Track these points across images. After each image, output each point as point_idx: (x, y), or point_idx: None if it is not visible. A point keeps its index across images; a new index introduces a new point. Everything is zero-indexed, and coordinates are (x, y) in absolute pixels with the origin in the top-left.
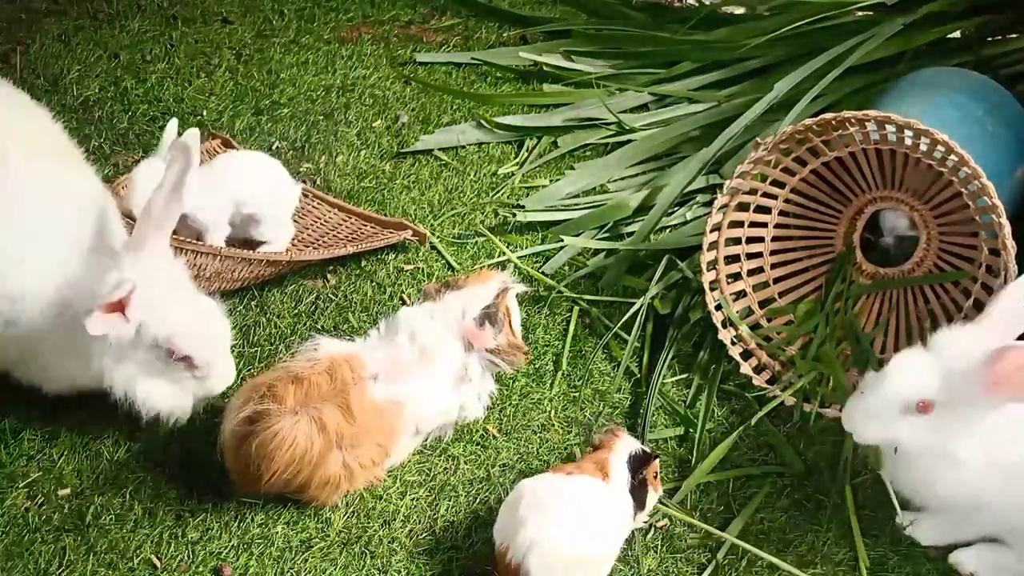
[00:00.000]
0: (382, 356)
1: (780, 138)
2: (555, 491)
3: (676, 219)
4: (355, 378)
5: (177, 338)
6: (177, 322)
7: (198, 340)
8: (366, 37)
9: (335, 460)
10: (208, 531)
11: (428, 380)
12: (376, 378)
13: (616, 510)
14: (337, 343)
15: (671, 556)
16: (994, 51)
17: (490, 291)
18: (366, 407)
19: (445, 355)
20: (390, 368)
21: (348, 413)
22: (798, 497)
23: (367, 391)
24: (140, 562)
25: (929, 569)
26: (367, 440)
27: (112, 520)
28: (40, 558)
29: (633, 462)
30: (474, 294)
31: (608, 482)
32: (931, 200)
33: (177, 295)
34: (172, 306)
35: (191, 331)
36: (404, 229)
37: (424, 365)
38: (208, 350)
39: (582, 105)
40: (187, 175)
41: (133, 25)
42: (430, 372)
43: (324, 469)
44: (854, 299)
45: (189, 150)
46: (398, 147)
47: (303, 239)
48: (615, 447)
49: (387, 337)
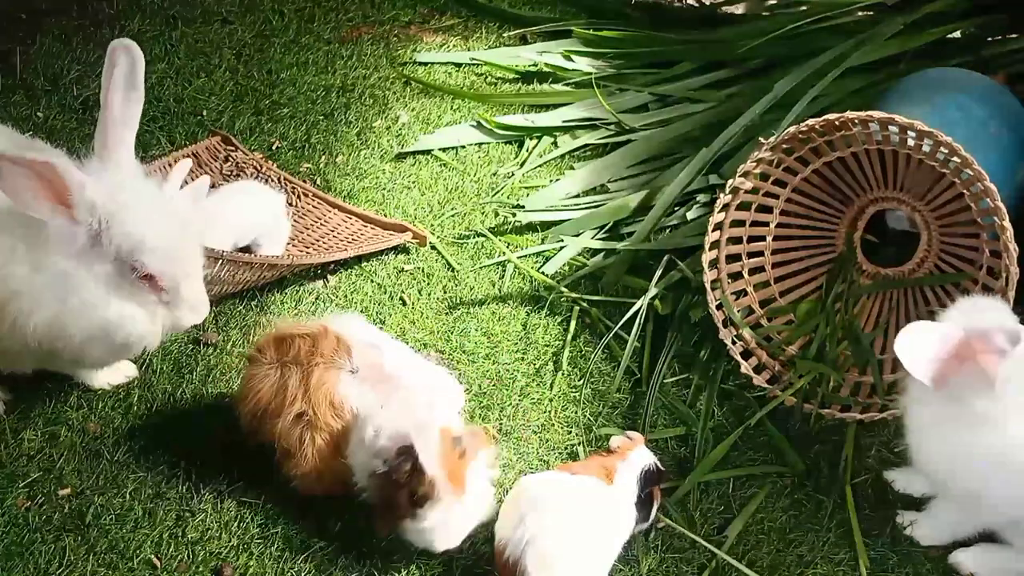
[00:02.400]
0: (377, 362)
1: (783, 138)
2: (555, 489)
3: (676, 219)
4: (332, 357)
5: (141, 252)
6: (145, 234)
7: (166, 257)
8: (366, 37)
9: (293, 419)
10: (208, 531)
11: (397, 405)
12: (355, 372)
13: (616, 513)
14: (354, 322)
15: (671, 556)
16: (994, 51)
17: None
18: (321, 392)
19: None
20: (374, 374)
21: (306, 384)
22: (798, 497)
23: (334, 379)
24: (140, 562)
25: (929, 569)
26: (319, 420)
27: (112, 520)
28: (40, 558)
29: (645, 478)
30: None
31: (611, 486)
32: (933, 201)
33: (147, 204)
34: (140, 215)
35: (159, 245)
36: (404, 231)
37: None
38: (176, 271)
39: (582, 105)
40: (137, 69)
41: (133, 25)
42: (403, 397)
43: (283, 423)
44: (855, 299)
45: (128, 46)
46: (398, 147)
47: (304, 240)
48: (628, 456)
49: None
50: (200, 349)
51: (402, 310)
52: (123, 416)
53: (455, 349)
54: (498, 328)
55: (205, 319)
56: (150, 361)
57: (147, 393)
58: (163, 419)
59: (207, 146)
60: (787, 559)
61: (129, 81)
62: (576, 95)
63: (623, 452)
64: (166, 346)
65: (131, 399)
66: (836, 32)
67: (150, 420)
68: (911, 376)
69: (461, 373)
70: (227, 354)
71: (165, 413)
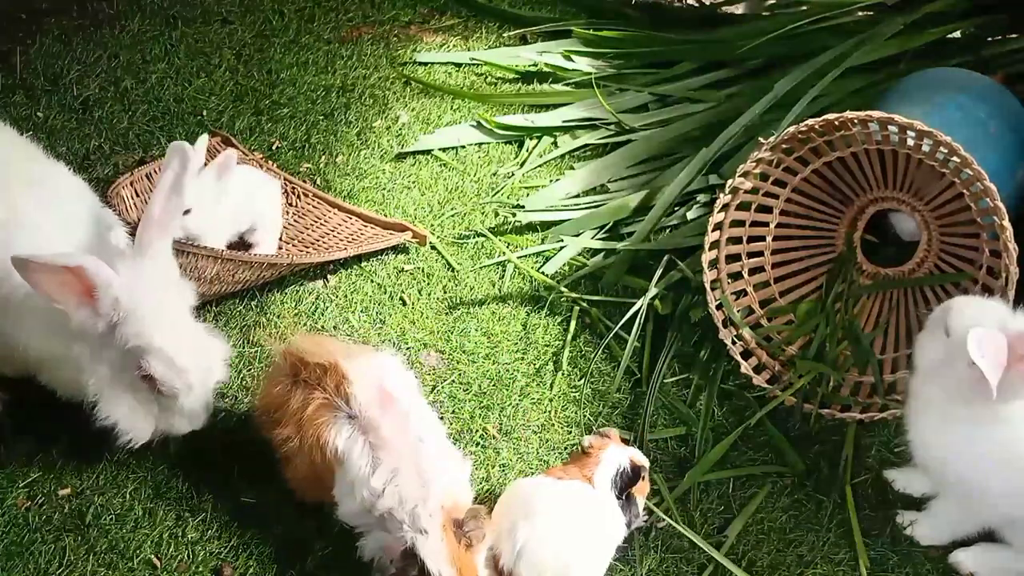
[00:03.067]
0: (376, 419)
1: (783, 137)
2: (545, 496)
3: (676, 219)
4: (334, 395)
5: (147, 354)
6: (153, 337)
7: (170, 365)
8: (366, 37)
9: (285, 437)
10: (208, 531)
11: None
12: (352, 418)
13: (603, 516)
14: (384, 364)
15: (671, 556)
16: (994, 51)
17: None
18: (312, 427)
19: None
20: (372, 429)
21: (303, 411)
22: (798, 497)
23: (328, 418)
24: (140, 562)
25: (929, 569)
26: (305, 449)
27: (112, 520)
28: (40, 558)
29: (621, 479)
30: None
31: (595, 489)
32: (933, 201)
33: (168, 311)
34: (157, 319)
35: (166, 353)
36: (404, 230)
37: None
38: (178, 381)
39: (582, 105)
40: (185, 176)
41: (133, 25)
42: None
43: (280, 433)
44: (855, 299)
45: (185, 151)
46: (398, 147)
47: (304, 240)
48: (601, 458)
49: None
50: None
51: (402, 310)
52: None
53: (455, 349)
54: (498, 328)
55: (205, 319)
56: None
57: None
58: None
59: (207, 146)
60: (787, 559)
61: (175, 187)
62: (576, 95)
63: (595, 453)
64: None
65: None
66: (836, 32)
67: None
68: (911, 376)
69: (461, 373)
70: None
71: None
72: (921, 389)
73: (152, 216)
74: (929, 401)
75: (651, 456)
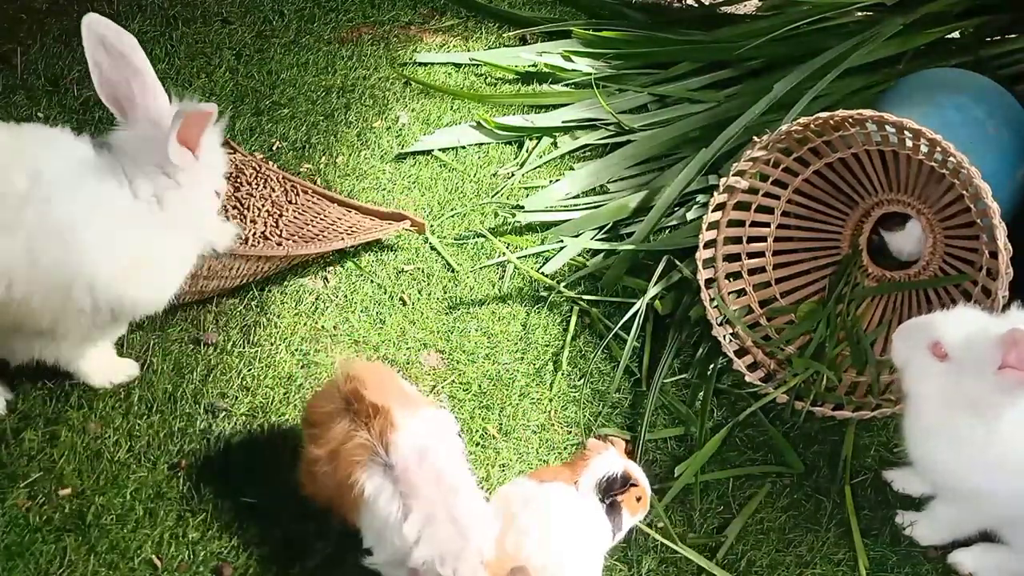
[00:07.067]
0: (411, 474)
1: (777, 137)
2: (531, 500)
3: (676, 219)
4: (375, 441)
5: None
6: None
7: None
8: (366, 37)
9: (317, 459)
10: (209, 531)
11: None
12: (388, 467)
13: (584, 519)
14: (437, 422)
15: (671, 556)
16: (994, 51)
17: None
18: (345, 462)
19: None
20: (407, 484)
21: (342, 444)
22: (798, 497)
23: (363, 459)
24: (141, 562)
25: (928, 569)
26: (334, 480)
27: (113, 520)
28: (41, 558)
29: (606, 486)
30: None
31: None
32: (936, 203)
33: None
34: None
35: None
36: (402, 219)
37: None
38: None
39: (582, 105)
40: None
41: (133, 25)
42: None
43: (314, 451)
44: (858, 301)
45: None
46: (398, 148)
47: (304, 235)
48: (590, 463)
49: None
50: (200, 349)
51: (402, 310)
52: (123, 416)
53: (455, 349)
54: (498, 328)
55: (205, 319)
56: (150, 361)
57: (147, 393)
58: (163, 419)
59: None
60: (786, 559)
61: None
62: (576, 95)
63: (587, 457)
64: (166, 346)
65: (131, 399)
66: (836, 32)
67: (150, 420)
68: (913, 375)
69: (461, 373)
70: (227, 354)
71: (165, 413)
72: (917, 394)
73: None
74: (926, 407)
75: (651, 456)
